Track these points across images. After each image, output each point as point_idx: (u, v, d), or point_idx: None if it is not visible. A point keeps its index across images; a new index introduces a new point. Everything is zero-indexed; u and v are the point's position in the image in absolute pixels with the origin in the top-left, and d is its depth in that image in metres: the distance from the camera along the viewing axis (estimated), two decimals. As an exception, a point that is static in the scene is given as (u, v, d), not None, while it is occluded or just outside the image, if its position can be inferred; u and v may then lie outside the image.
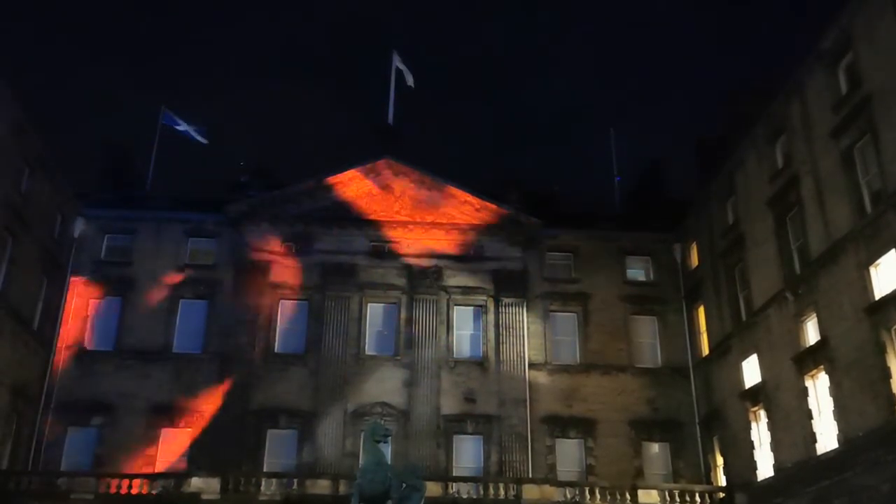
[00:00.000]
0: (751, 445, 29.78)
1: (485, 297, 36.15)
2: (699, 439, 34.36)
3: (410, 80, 40.24)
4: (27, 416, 31.90)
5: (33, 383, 32.34)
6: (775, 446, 27.99)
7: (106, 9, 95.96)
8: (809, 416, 25.89)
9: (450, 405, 34.23)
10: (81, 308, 34.65)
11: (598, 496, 29.44)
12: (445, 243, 36.76)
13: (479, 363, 35.18)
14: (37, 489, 28.29)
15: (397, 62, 40.47)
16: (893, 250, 22.40)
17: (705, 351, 34.79)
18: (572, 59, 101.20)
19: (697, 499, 29.82)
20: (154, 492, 28.37)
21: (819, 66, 26.34)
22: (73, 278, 34.79)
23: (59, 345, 33.76)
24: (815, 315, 26.13)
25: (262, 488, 28.71)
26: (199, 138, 41.27)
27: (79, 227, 35.61)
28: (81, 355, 33.94)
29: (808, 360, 26.21)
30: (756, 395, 29.61)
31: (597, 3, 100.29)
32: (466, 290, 36.22)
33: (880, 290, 22.85)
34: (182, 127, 40.99)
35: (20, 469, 30.63)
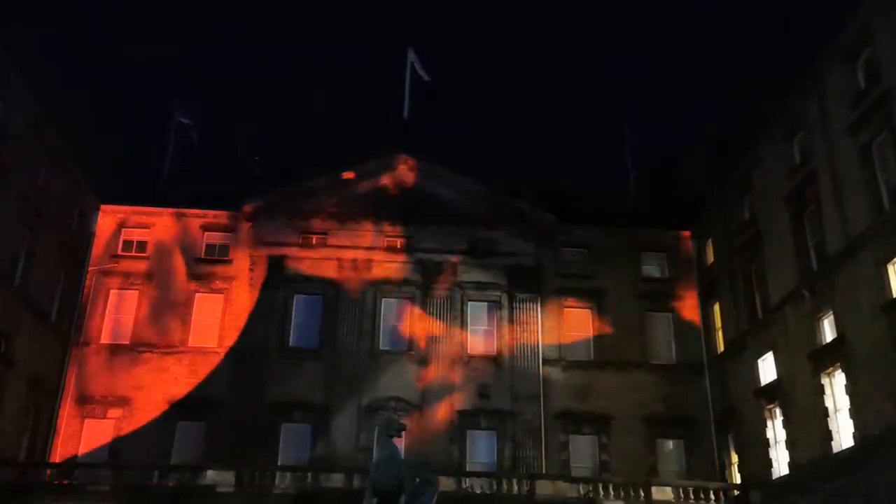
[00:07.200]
0: (766, 443, 29.63)
1: (499, 293, 36.13)
2: (714, 436, 34.22)
3: (426, 75, 40.24)
4: (44, 409, 32.26)
5: (51, 376, 32.67)
6: (791, 444, 27.83)
7: (118, 4, 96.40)
8: (825, 413, 25.71)
9: (463, 400, 34.26)
10: (99, 302, 34.97)
11: (611, 493, 29.36)
12: (460, 239, 36.77)
13: (493, 358, 35.18)
14: (53, 481, 28.53)
15: (412, 58, 40.52)
16: (912, 247, 22.22)
17: (721, 348, 34.61)
18: (587, 54, 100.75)
19: (712, 496, 29.70)
20: (169, 484, 28.59)
21: (837, 62, 26.08)
22: (90, 272, 35.14)
23: (76, 338, 34.11)
24: (831, 312, 25.94)
25: (277, 482, 28.84)
26: (187, 123, 41.28)
27: (96, 222, 35.94)
28: (98, 348, 34.25)
29: (825, 357, 26.02)
30: (772, 393, 29.44)
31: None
32: (480, 286, 36.21)
33: (898, 287, 22.67)
34: (187, 121, 41.07)
35: (37, 461, 30.96)
